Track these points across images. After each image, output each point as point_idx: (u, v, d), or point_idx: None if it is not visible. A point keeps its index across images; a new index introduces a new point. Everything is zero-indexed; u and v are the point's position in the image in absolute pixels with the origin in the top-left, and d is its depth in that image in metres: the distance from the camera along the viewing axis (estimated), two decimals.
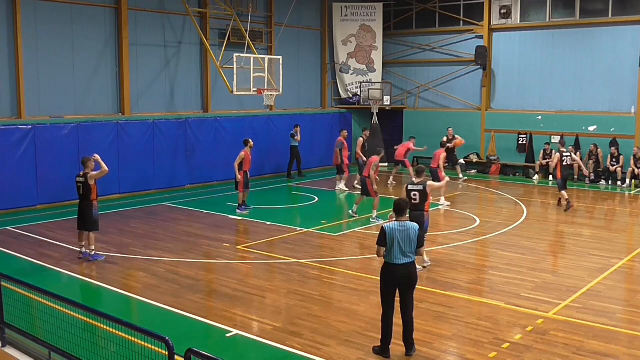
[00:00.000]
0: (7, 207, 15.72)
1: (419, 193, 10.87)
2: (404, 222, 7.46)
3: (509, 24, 23.26)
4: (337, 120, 25.21)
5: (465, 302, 9.45)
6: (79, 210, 11.74)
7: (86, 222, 11.63)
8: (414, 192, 10.92)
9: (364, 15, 25.92)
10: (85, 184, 11.46)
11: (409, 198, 10.65)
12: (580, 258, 11.86)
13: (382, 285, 7.52)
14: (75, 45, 17.62)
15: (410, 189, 10.97)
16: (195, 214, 16.06)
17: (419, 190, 10.88)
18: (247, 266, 11.40)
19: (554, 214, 16.34)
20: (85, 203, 11.57)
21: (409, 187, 11.02)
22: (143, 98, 19.35)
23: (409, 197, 10.77)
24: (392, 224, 7.45)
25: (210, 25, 20.67)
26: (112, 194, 17.87)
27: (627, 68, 20.88)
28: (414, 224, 7.50)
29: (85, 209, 11.58)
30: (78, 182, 11.59)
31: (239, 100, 21.70)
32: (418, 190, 10.89)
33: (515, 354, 7.50)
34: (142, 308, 9.37)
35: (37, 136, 16.27)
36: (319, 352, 7.57)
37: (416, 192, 10.88)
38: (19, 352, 7.38)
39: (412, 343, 7.50)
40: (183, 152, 19.73)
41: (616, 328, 8.37)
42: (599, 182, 20.77)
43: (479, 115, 24.09)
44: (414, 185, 11.01)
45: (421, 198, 10.87)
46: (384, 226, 7.49)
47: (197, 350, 4.92)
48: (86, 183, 11.45)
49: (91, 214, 11.55)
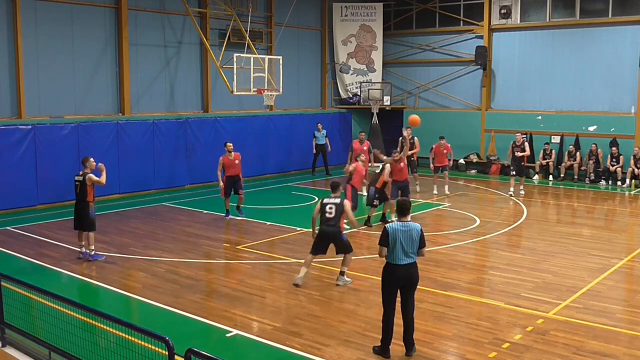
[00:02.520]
0: (7, 207, 15.72)
1: (335, 207, 10.05)
2: (407, 222, 7.46)
3: (509, 24, 23.25)
4: (337, 120, 25.21)
5: (465, 302, 9.45)
6: (75, 210, 11.70)
7: (82, 222, 11.61)
8: (330, 205, 10.07)
9: (364, 15, 25.92)
10: (83, 184, 11.44)
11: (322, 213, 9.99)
12: (580, 258, 11.86)
13: (383, 285, 7.52)
14: (75, 45, 17.62)
15: (326, 202, 10.13)
16: (195, 214, 16.06)
17: (335, 204, 10.06)
18: (247, 266, 11.40)
19: (554, 214, 16.35)
20: (82, 203, 11.53)
21: (324, 201, 10.16)
22: (143, 98, 19.35)
23: (323, 212, 10.00)
24: (395, 224, 7.45)
25: (210, 25, 20.67)
26: (112, 194, 17.87)
27: (627, 68, 20.87)
28: (417, 225, 7.48)
29: (82, 209, 11.55)
30: (76, 181, 11.57)
31: (239, 100, 21.70)
32: (334, 204, 10.07)
33: (515, 354, 7.50)
34: (142, 308, 9.37)
35: (37, 136, 16.27)
36: (319, 352, 7.57)
37: (332, 206, 10.06)
38: (19, 352, 7.38)
39: (412, 343, 7.50)
40: (183, 152, 19.73)
41: (616, 328, 8.37)
42: (599, 182, 20.76)
43: (479, 115, 24.09)
44: (330, 199, 10.18)
45: (336, 213, 10.05)
46: (386, 226, 7.49)
47: (197, 350, 4.92)
48: (84, 183, 11.43)
49: (88, 214, 11.51)
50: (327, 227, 10.02)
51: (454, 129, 23.00)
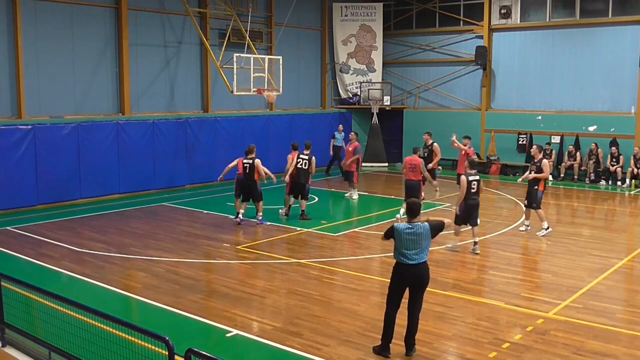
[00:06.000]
0: (7, 207, 15.71)
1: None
2: (414, 223, 7.43)
3: (509, 24, 23.26)
4: (337, 120, 25.19)
5: (465, 302, 9.45)
6: (243, 186, 14.48)
7: (253, 194, 14.48)
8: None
9: (364, 15, 25.92)
10: (251, 166, 14.31)
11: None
12: (580, 258, 11.86)
13: (391, 282, 7.55)
14: (75, 45, 17.62)
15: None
16: (195, 214, 16.06)
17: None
18: (247, 266, 11.40)
19: (554, 214, 16.34)
20: (251, 181, 14.37)
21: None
22: (143, 98, 19.35)
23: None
24: (402, 224, 7.45)
25: (210, 25, 20.67)
26: (112, 194, 17.88)
27: (627, 68, 20.88)
28: (425, 225, 7.45)
29: (251, 185, 14.41)
30: (245, 164, 14.38)
31: (239, 100, 21.70)
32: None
33: (515, 354, 7.50)
34: (142, 308, 9.37)
35: (37, 136, 16.26)
36: (319, 352, 7.57)
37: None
38: (19, 352, 7.38)
39: (413, 344, 7.50)
40: (183, 152, 19.73)
41: (616, 328, 8.37)
42: (599, 182, 20.77)
43: (479, 115, 24.09)
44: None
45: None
46: (394, 225, 7.50)
47: (197, 350, 4.92)
48: (252, 165, 14.29)
49: (256, 188, 14.46)
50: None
51: (454, 129, 22.91)
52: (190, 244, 12.91)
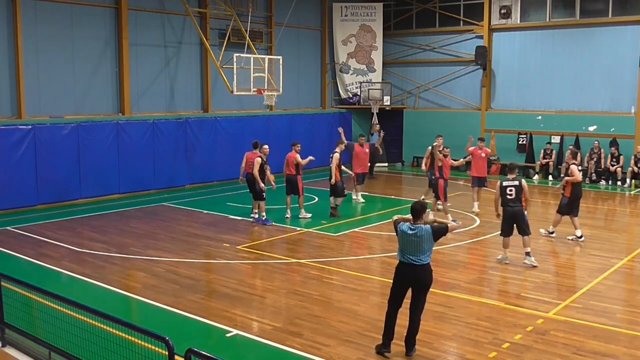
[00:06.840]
0: (7, 207, 15.72)
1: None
2: (417, 225, 7.41)
3: (509, 24, 23.26)
4: (337, 120, 25.19)
5: (465, 302, 9.44)
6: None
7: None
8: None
9: (364, 15, 25.92)
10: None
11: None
12: (580, 258, 11.87)
13: (393, 282, 7.56)
14: (75, 45, 17.62)
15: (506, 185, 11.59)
16: (195, 214, 16.06)
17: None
18: (247, 266, 11.40)
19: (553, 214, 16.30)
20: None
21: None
22: (143, 98, 19.35)
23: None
24: (405, 225, 7.44)
25: (210, 25, 20.67)
26: (112, 194, 17.88)
27: (627, 68, 20.88)
28: (427, 227, 7.41)
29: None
30: (264, 161, 14.66)
31: (239, 100, 21.71)
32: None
33: (515, 354, 7.49)
34: (142, 308, 9.37)
35: (37, 136, 16.26)
36: (319, 352, 7.57)
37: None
38: (19, 352, 7.38)
39: (413, 344, 7.49)
40: (183, 152, 19.73)
41: (616, 328, 8.37)
42: (599, 182, 20.77)
43: (479, 115, 24.09)
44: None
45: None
46: (399, 225, 7.49)
47: (197, 350, 4.92)
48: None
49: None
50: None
51: (454, 129, 22.96)
52: (190, 244, 12.91)
